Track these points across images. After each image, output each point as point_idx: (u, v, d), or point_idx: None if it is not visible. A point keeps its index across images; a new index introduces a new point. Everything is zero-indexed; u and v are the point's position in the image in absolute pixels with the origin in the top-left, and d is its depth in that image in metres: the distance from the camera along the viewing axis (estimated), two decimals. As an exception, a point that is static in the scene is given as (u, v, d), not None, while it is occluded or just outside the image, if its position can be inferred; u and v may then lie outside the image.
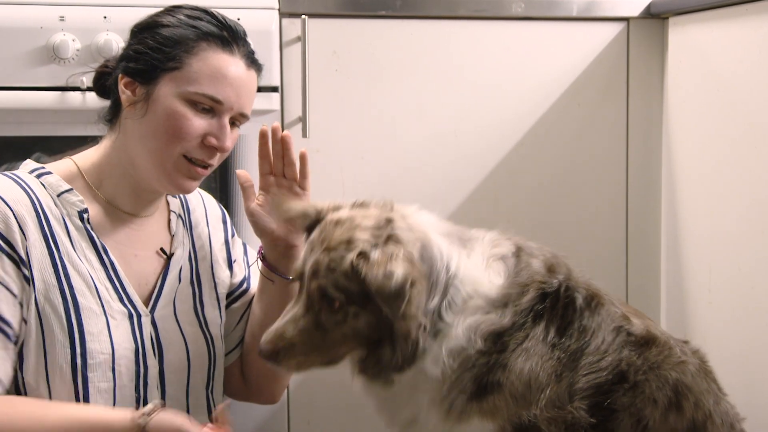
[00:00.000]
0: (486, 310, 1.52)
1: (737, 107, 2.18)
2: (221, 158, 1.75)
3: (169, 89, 1.67)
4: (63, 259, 1.64)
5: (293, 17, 2.31)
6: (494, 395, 1.49)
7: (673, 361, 1.55)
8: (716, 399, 1.58)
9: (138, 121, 1.69)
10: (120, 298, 1.70)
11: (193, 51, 1.68)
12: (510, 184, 2.46)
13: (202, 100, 1.67)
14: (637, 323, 1.59)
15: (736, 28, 2.19)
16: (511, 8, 2.42)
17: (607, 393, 1.51)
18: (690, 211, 2.39)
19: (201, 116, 1.68)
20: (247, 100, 1.73)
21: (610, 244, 2.53)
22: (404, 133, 2.40)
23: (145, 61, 1.69)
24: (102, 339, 1.65)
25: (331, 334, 1.52)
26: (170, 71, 1.67)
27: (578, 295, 1.57)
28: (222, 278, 1.89)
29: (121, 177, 1.73)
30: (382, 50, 2.38)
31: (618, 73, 2.50)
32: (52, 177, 1.70)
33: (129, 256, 1.74)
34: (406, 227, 1.53)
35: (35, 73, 2.12)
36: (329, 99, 2.35)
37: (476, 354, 1.49)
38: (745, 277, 2.15)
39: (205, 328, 1.82)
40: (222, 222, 1.95)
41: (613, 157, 2.52)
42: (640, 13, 2.48)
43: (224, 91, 1.68)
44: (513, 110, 2.46)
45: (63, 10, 2.13)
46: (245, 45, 1.74)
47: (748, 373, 2.12)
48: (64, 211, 1.68)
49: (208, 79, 1.67)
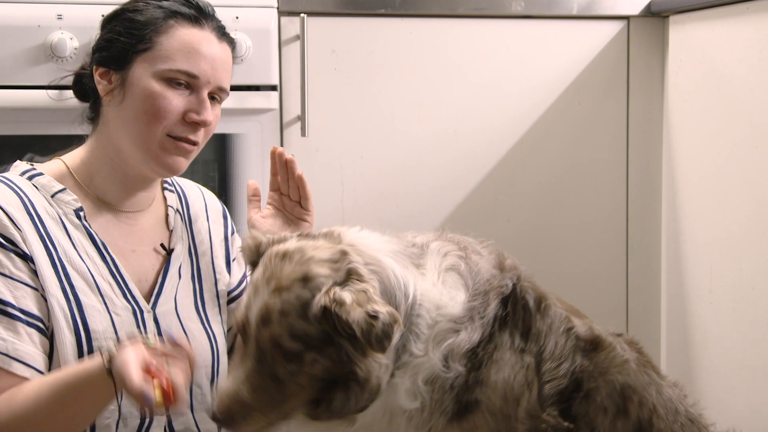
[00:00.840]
0: (455, 330, 1.43)
1: (738, 106, 2.18)
2: (206, 135, 1.74)
3: (144, 70, 1.67)
4: (62, 259, 1.64)
5: (292, 16, 2.30)
6: (473, 414, 1.44)
7: (618, 363, 1.52)
8: (658, 389, 1.56)
9: (117, 108, 1.69)
10: (123, 293, 1.69)
11: (162, 29, 1.68)
12: (509, 183, 2.46)
13: (178, 77, 1.67)
14: (579, 324, 1.55)
15: (737, 27, 2.18)
16: (510, 7, 2.42)
17: (568, 400, 1.49)
18: (691, 210, 2.38)
19: (179, 93, 1.68)
20: (224, 73, 1.73)
21: (610, 243, 2.52)
22: (403, 132, 2.40)
23: (116, 47, 1.69)
24: (108, 336, 1.64)
25: (288, 387, 1.37)
26: (142, 53, 1.67)
27: (529, 296, 1.51)
28: (222, 274, 1.88)
29: (110, 171, 1.73)
30: (381, 49, 2.37)
31: (618, 72, 2.50)
32: (44, 178, 1.69)
33: (126, 252, 1.74)
34: (361, 259, 1.39)
35: (33, 71, 2.11)
36: (328, 98, 2.34)
37: (453, 376, 1.42)
38: (746, 277, 2.14)
39: (207, 324, 1.81)
40: (222, 217, 1.94)
41: (613, 157, 2.51)
42: (640, 12, 2.47)
43: (198, 65, 1.68)
44: (512, 109, 2.46)
45: (61, 9, 2.13)
46: (214, 20, 1.74)
47: (749, 373, 2.12)
48: (60, 210, 1.67)
49: (181, 55, 1.67)
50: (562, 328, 1.52)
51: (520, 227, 2.47)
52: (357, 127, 2.38)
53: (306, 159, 2.33)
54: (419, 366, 1.42)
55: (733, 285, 2.19)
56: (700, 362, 1.68)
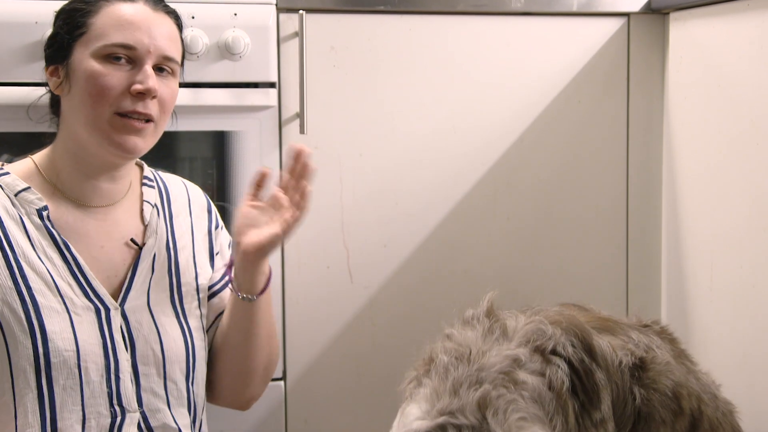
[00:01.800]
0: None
1: (739, 103, 2.17)
2: (163, 110, 1.73)
3: (82, 54, 1.69)
4: (19, 261, 1.64)
5: (290, 12, 2.29)
6: None
7: (662, 370, 1.53)
8: (696, 376, 1.58)
9: (68, 99, 1.71)
10: (85, 293, 1.69)
11: (94, 12, 1.70)
12: (509, 180, 2.45)
13: (115, 51, 1.68)
14: (620, 351, 1.52)
15: (738, 24, 2.17)
16: (510, 3, 2.41)
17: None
18: (691, 208, 2.38)
19: (120, 68, 1.69)
20: (165, 42, 1.73)
21: (610, 241, 2.51)
22: (403, 129, 2.39)
23: (57, 42, 1.72)
24: (65, 337, 1.64)
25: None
26: (79, 38, 1.70)
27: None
28: (204, 268, 1.87)
29: (74, 165, 1.73)
30: (380, 46, 2.36)
31: (618, 69, 2.49)
32: (9, 177, 1.70)
33: (95, 249, 1.73)
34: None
35: (30, 68, 2.10)
36: (327, 95, 2.33)
37: None
38: (746, 275, 2.13)
39: (183, 318, 1.80)
40: (206, 211, 1.93)
41: (613, 154, 2.50)
42: (640, 9, 2.47)
43: (133, 35, 1.69)
44: (512, 106, 2.45)
45: (58, 5, 2.09)
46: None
47: (749, 371, 2.11)
48: (22, 210, 1.67)
49: (114, 29, 1.69)
50: (615, 363, 1.48)
51: (520, 225, 2.46)
52: (356, 124, 2.37)
53: (305, 156, 2.32)
54: None
55: (733, 283, 2.19)
56: (700, 360, 1.68)
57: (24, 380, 1.62)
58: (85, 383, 1.66)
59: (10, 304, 1.61)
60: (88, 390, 1.66)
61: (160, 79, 1.72)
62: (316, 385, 2.35)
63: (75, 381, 1.65)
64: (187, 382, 1.80)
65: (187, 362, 1.79)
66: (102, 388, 1.68)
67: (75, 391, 1.65)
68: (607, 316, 1.62)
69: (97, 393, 1.67)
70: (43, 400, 1.63)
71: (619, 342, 1.55)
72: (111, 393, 1.69)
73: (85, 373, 1.66)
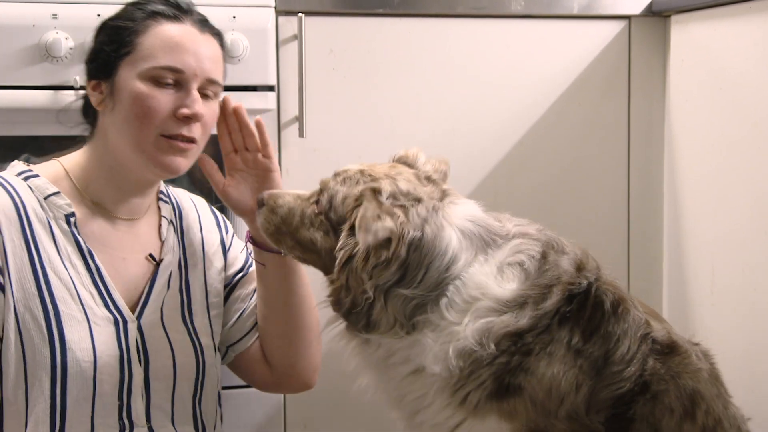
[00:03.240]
0: (499, 312, 1.48)
1: (740, 106, 2.16)
2: (204, 132, 1.72)
3: (129, 73, 1.67)
4: (44, 266, 1.63)
5: (290, 15, 2.28)
6: (515, 398, 1.47)
7: (691, 369, 1.54)
8: (725, 403, 1.58)
9: (111, 115, 1.69)
10: (105, 303, 1.68)
11: (142, 30, 1.68)
12: (509, 184, 2.44)
13: (163, 74, 1.66)
14: (658, 328, 1.57)
15: (740, 26, 2.17)
16: (510, 6, 2.41)
17: (628, 404, 1.49)
18: (692, 211, 2.37)
19: (167, 91, 1.67)
20: (211, 65, 1.71)
21: (611, 245, 2.50)
22: (402, 132, 2.38)
23: (101, 57, 1.70)
24: (84, 347, 1.63)
25: (303, 231, 1.61)
26: (125, 56, 1.67)
27: (606, 298, 1.53)
28: (214, 286, 1.87)
29: (108, 177, 1.72)
30: (379, 49, 2.36)
31: (619, 72, 2.48)
32: (39, 180, 1.68)
33: (117, 260, 1.72)
34: (426, 215, 1.54)
35: (27, 71, 2.10)
36: (326, 98, 2.33)
37: (490, 355, 1.47)
38: (748, 278, 2.13)
39: (194, 336, 1.80)
40: (216, 225, 1.93)
41: (614, 157, 2.49)
42: (641, 11, 2.46)
43: (181, 58, 1.67)
44: (512, 110, 2.44)
45: (56, 8, 2.11)
46: (193, 14, 1.73)
47: (751, 375, 2.10)
48: (51, 214, 1.66)
49: (162, 51, 1.66)
50: (639, 332, 1.52)
51: (520, 228, 2.45)
52: (355, 127, 2.36)
53: (304, 160, 2.31)
54: (452, 335, 1.48)
55: (735, 286, 2.18)
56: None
57: (38, 389, 1.61)
58: (97, 395, 1.65)
59: (32, 311, 1.60)
60: (100, 402, 1.65)
61: (203, 101, 1.70)
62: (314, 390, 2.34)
63: (88, 392, 1.64)
64: (193, 400, 1.79)
65: (195, 380, 1.79)
66: (113, 401, 1.67)
67: (87, 402, 1.64)
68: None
69: (108, 406, 1.67)
70: (55, 410, 1.62)
71: (659, 325, 1.58)
72: (122, 406, 1.68)
73: (100, 385, 1.65)
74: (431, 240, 1.50)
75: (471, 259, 1.52)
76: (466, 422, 1.50)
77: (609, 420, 1.49)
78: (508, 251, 1.54)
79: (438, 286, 1.50)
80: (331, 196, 1.59)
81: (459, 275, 1.50)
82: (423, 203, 1.54)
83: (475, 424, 1.49)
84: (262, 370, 1.91)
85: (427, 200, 1.55)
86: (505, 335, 1.47)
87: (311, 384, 1.94)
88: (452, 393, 1.50)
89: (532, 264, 1.53)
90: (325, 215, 1.59)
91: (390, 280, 1.50)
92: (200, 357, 1.79)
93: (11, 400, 1.61)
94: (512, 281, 1.51)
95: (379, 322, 1.52)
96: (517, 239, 1.57)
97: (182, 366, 1.76)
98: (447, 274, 1.50)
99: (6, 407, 1.62)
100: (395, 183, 1.56)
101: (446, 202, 1.58)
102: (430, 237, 1.50)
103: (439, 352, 1.48)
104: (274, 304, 1.85)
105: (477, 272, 1.51)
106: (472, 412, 1.49)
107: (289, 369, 1.90)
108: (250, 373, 1.93)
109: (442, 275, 1.50)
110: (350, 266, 1.49)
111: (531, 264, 1.53)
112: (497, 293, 1.49)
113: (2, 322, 1.59)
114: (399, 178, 1.58)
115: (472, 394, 1.48)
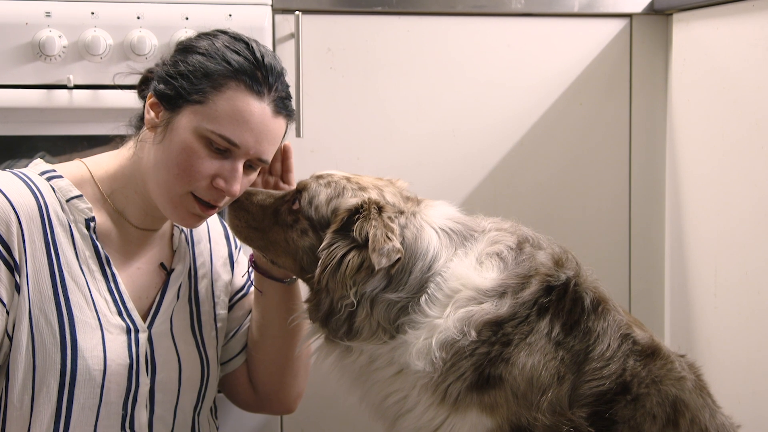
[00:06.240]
0: (479, 301, 1.52)
1: (742, 105, 2.15)
2: (229, 201, 1.70)
3: (189, 122, 1.62)
4: (62, 270, 1.61)
5: (286, 13, 2.27)
6: (496, 390, 1.49)
7: (674, 376, 1.55)
8: (712, 413, 1.59)
9: (155, 147, 1.65)
10: (119, 311, 1.67)
11: (219, 88, 1.61)
12: (510, 184, 2.43)
13: (219, 141, 1.61)
14: (639, 332, 1.58)
15: (741, 25, 2.16)
16: (511, 4, 2.39)
17: (609, 403, 1.50)
18: (694, 212, 2.36)
19: (214, 156, 1.62)
20: (268, 146, 1.66)
21: (612, 246, 2.49)
22: (401, 132, 2.37)
23: (173, 86, 1.63)
24: (96, 354, 1.62)
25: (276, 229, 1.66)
26: (194, 104, 1.62)
27: (586, 296, 1.57)
28: (221, 298, 1.86)
29: (134, 192, 1.71)
30: (377, 47, 2.34)
31: (621, 71, 2.47)
32: (63, 181, 1.66)
33: (132, 269, 1.72)
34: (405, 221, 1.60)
35: (20, 70, 2.08)
36: (324, 97, 2.31)
37: (472, 344, 1.50)
38: (751, 281, 2.11)
39: (201, 348, 1.79)
40: (225, 237, 1.92)
41: (615, 157, 2.48)
42: (643, 9, 2.45)
43: (243, 135, 1.61)
44: (513, 109, 2.42)
45: (49, 6, 2.10)
46: (277, 90, 1.66)
47: (753, 378, 2.09)
48: (71, 217, 1.64)
49: (229, 121, 1.61)
50: (619, 332, 1.54)
51: (521, 229, 2.44)
52: (353, 127, 2.34)
53: (301, 160, 2.28)
54: (434, 328, 1.51)
55: (737, 288, 2.16)
56: (703, 366, 1.68)
57: (46, 395, 1.59)
58: (103, 404, 1.64)
59: (46, 315, 1.58)
60: (105, 411, 1.64)
61: (244, 172, 1.66)
62: (311, 396, 2.32)
63: (95, 401, 1.62)
64: (193, 413, 1.79)
65: (198, 392, 1.79)
66: (117, 411, 1.66)
67: (92, 410, 1.63)
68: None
69: (113, 415, 1.65)
70: (60, 417, 1.60)
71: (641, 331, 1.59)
72: (125, 416, 1.67)
73: (106, 394, 1.64)
74: (412, 243, 1.56)
75: (451, 255, 1.57)
76: (448, 420, 1.51)
77: (591, 416, 1.49)
78: (485, 243, 1.60)
79: (422, 287, 1.54)
80: (312, 196, 1.62)
81: (440, 272, 1.55)
82: (404, 215, 1.61)
83: (456, 421, 1.51)
84: (246, 392, 1.91)
85: (407, 213, 1.62)
86: (486, 323, 1.50)
87: (292, 409, 1.96)
88: (434, 390, 1.52)
89: (510, 254, 1.58)
90: (303, 214, 1.62)
91: (377, 287, 1.54)
92: (206, 370, 1.79)
93: (16, 405, 1.59)
94: (491, 270, 1.55)
95: (361, 329, 1.56)
96: (493, 232, 1.63)
97: (188, 379, 1.75)
98: (429, 273, 1.55)
99: (10, 411, 1.60)
100: (383, 194, 1.63)
101: (422, 206, 1.65)
102: (411, 240, 1.57)
103: (422, 347, 1.52)
104: (267, 332, 1.85)
105: (457, 265, 1.56)
106: (453, 408, 1.50)
107: (273, 395, 1.91)
108: (234, 393, 1.93)
109: (425, 275, 1.55)
110: (337, 271, 1.53)
111: (508, 254, 1.58)
112: (477, 283, 1.53)
113: (13, 323, 1.57)
114: (386, 190, 1.64)
115: (452, 386, 1.50)
